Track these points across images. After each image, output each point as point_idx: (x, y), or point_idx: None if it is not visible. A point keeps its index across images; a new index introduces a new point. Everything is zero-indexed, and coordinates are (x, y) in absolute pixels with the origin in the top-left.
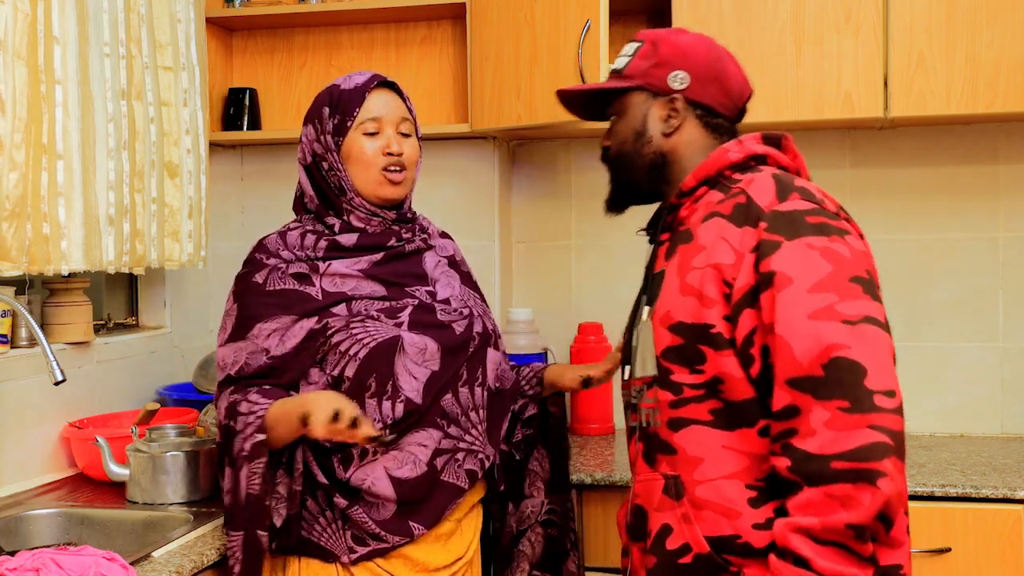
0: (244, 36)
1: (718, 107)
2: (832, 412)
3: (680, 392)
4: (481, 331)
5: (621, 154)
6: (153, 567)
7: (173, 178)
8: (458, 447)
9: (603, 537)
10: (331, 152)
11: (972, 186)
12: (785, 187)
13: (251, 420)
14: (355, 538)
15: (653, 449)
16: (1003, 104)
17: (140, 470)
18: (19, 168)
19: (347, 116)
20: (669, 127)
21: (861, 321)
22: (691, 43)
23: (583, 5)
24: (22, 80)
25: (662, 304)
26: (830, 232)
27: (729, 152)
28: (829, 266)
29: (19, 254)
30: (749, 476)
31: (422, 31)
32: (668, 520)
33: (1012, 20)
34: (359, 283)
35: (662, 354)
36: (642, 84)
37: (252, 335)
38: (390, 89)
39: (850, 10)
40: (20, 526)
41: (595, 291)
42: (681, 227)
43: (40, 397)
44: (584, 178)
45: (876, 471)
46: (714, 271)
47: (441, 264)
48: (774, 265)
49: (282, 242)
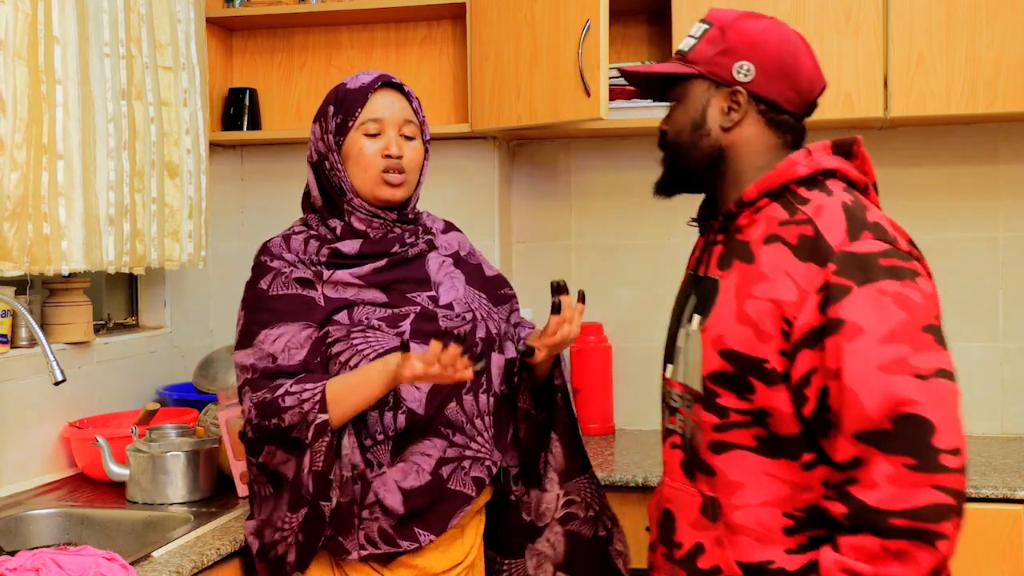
0: (244, 36)
1: (784, 103)
2: (896, 468)
3: (725, 416)
4: (485, 336)
5: (677, 143)
6: (153, 567)
7: (173, 178)
8: (464, 455)
9: None
10: (332, 152)
11: (972, 186)
12: (857, 223)
13: (308, 406)
14: (367, 538)
15: (694, 464)
16: (1003, 104)
17: (140, 470)
18: (20, 168)
19: (348, 116)
20: (729, 121)
21: (933, 375)
22: (762, 31)
23: (583, 5)
24: (22, 80)
25: (715, 324)
26: (903, 276)
27: (797, 166)
28: (902, 314)
29: (19, 254)
30: (788, 505)
31: (422, 31)
32: (702, 540)
33: (1012, 20)
34: (361, 291)
35: (709, 376)
36: (704, 72)
37: (258, 341)
38: (396, 90)
39: (850, 10)
40: (20, 526)
41: (595, 291)
42: (738, 235)
43: (40, 397)
44: (584, 178)
45: (937, 533)
46: (774, 306)
47: (445, 265)
48: (843, 313)
49: (285, 246)
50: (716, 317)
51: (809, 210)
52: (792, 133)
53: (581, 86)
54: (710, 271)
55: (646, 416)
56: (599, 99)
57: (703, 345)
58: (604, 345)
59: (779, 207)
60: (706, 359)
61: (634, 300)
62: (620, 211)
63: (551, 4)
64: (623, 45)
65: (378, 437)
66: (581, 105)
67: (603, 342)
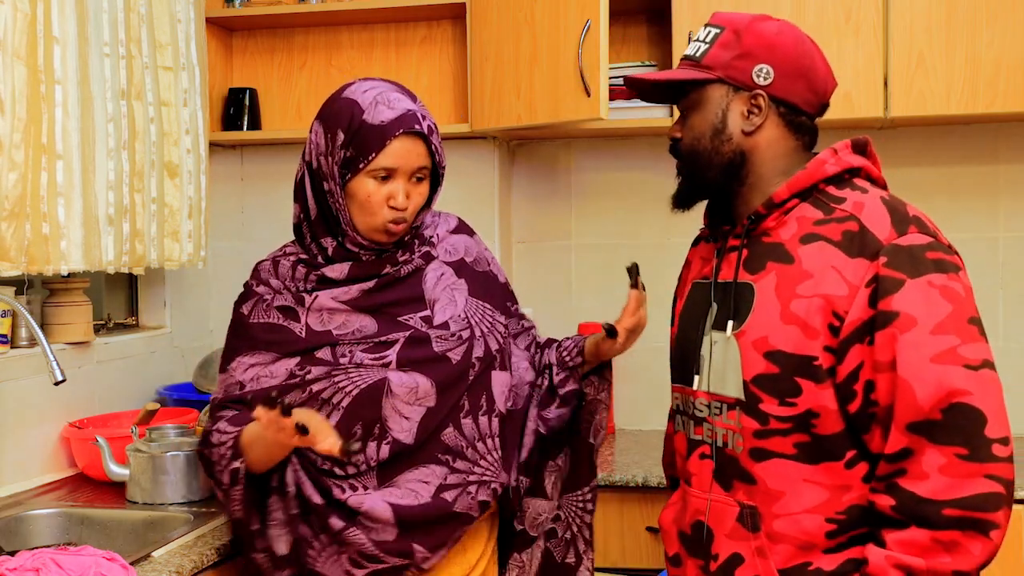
0: (244, 36)
1: (802, 104)
2: (948, 458)
3: (766, 423)
4: (482, 354)
5: (696, 150)
6: (153, 567)
7: (173, 178)
8: (468, 480)
9: (603, 537)
10: (334, 182)
11: (972, 186)
12: (901, 217)
13: (224, 450)
14: (352, 561)
15: (729, 473)
16: (1003, 104)
17: (140, 470)
18: (19, 168)
19: (360, 156)
20: (750, 125)
21: (982, 366)
22: (777, 33)
23: (583, 5)
24: (22, 80)
25: (755, 327)
26: (947, 269)
27: (826, 164)
28: (949, 306)
29: (19, 254)
30: (829, 509)
31: (422, 31)
32: (740, 550)
33: (1012, 20)
34: (347, 318)
35: (753, 380)
36: (723, 77)
37: (231, 368)
38: (417, 136)
39: (850, 10)
40: (20, 526)
41: (595, 291)
42: (766, 238)
43: (40, 397)
44: (584, 178)
45: (990, 522)
46: (824, 302)
47: (444, 277)
48: (896, 305)
49: (273, 271)
50: (756, 320)
51: (849, 207)
52: (809, 134)
53: (581, 86)
54: (739, 276)
55: (646, 416)
56: (599, 99)
57: (742, 350)
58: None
59: (810, 207)
60: (747, 363)
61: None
62: (620, 211)
63: (551, 4)
64: (623, 45)
65: (361, 467)
66: (581, 105)
67: None
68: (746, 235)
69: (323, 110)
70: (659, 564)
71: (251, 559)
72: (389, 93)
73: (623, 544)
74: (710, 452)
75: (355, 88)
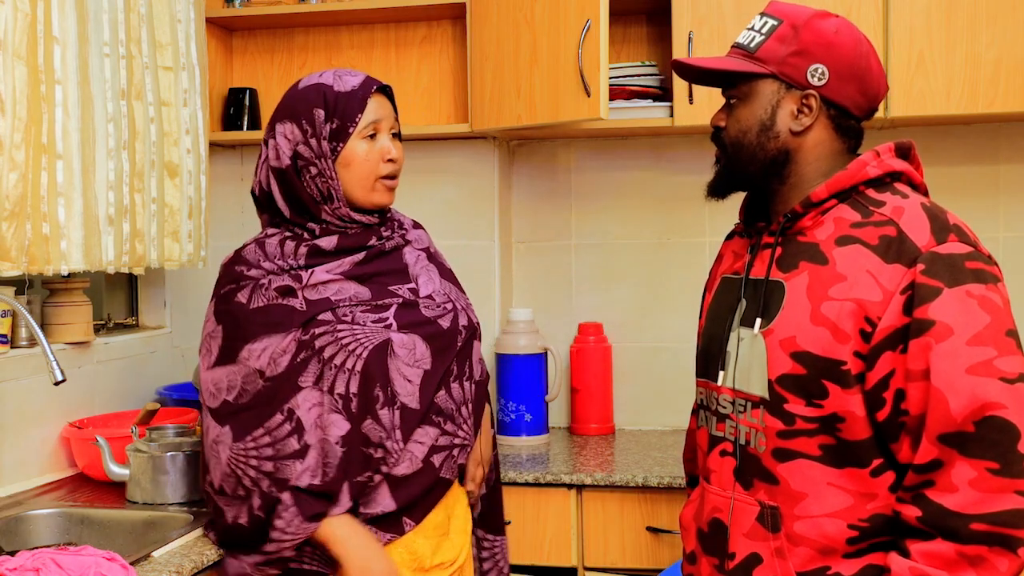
0: (244, 36)
1: (853, 108)
2: (979, 472)
3: (792, 423)
4: (467, 324)
5: (741, 144)
6: (153, 567)
7: (173, 178)
8: (453, 443)
9: (603, 537)
10: (324, 158)
11: (972, 186)
12: (941, 225)
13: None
14: None
15: (751, 472)
16: (1003, 104)
17: (140, 470)
18: (19, 168)
19: (348, 122)
20: (799, 125)
21: (1018, 380)
22: (836, 32)
23: (583, 5)
24: (22, 80)
25: (784, 325)
26: (986, 279)
27: (868, 167)
28: (987, 317)
29: (19, 254)
30: (852, 516)
31: (422, 31)
32: (759, 550)
33: (1012, 20)
34: (342, 286)
35: (778, 380)
36: (776, 73)
37: (243, 358)
38: (383, 92)
39: (850, 10)
40: (20, 526)
41: (595, 291)
42: (801, 237)
43: (40, 397)
44: (584, 178)
45: (1019, 539)
46: (856, 306)
47: (421, 258)
48: (932, 313)
49: (261, 252)
50: (785, 320)
51: (888, 211)
52: (855, 138)
53: (581, 86)
54: (771, 274)
55: (646, 416)
56: (599, 99)
57: (768, 348)
58: (604, 345)
59: (848, 208)
60: (773, 362)
61: (634, 300)
62: (620, 211)
63: (551, 4)
64: (623, 45)
65: (384, 438)
66: (581, 105)
67: (603, 342)
68: (781, 233)
69: (283, 109)
70: (659, 564)
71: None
72: (339, 70)
73: (623, 544)
74: (732, 449)
75: (307, 79)
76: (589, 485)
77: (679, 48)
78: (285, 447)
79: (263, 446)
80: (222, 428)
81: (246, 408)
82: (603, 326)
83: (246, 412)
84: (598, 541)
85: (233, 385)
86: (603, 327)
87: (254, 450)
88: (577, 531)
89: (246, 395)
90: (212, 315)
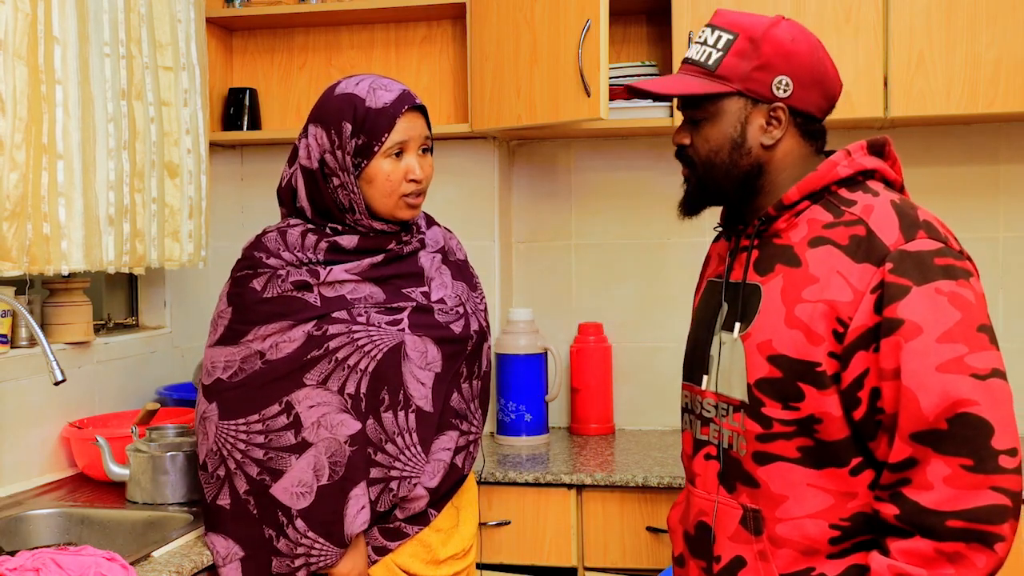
0: (244, 36)
1: (817, 112)
2: (953, 468)
3: (769, 426)
4: (477, 329)
5: (713, 163)
6: (153, 567)
7: (173, 178)
8: (470, 440)
9: (603, 537)
10: (347, 172)
11: (972, 186)
12: (910, 222)
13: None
14: (381, 531)
15: (733, 476)
16: (1003, 104)
17: (140, 470)
18: (19, 168)
19: (374, 140)
20: (771, 138)
21: (990, 375)
22: (792, 41)
23: (583, 5)
24: (22, 80)
25: (760, 329)
26: (957, 275)
27: (838, 167)
28: (958, 314)
29: (19, 254)
30: (834, 515)
31: (422, 31)
32: (742, 553)
33: (1012, 20)
34: (357, 286)
35: (756, 383)
36: (743, 89)
37: (246, 340)
38: (417, 111)
39: (850, 10)
40: (20, 526)
41: (595, 291)
42: (776, 239)
43: (40, 397)
44: (584, 178)
45: (995, 535)
46: (828, 307)
47: (435, 260)
48: (902, 312)
49: (282, 241)
50: (761, 323)
51: (858, 210)
52: (820, 140)
53: (581, 86)
54: (748, 278)
55: (646, 416)
56: (599, 99)
57: (747, 352)
58: (604, 345)
59: (821, 209)
60: (752, 366)
61: (634, 300)
62: (620, 211)
63: (551, 4)
64: (623, 45)
65: (398, 440)
66: (581, 105)
67: (603, 342)
68: (757, 236)
69: (317, 112)
70: (659, 564)
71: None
72: (379, 80)
73: (623, 544)
74: (715, 453)
75: (345, 84)
76: (589, 485)
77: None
78: (279, 439)
79: (254, 432)
80: (209, 404)
81: (238, 387)
82: (603, 326)
83: (237, 391)
84: (598, 541)
85: (230, 365)
86: (603, 327)
87: (244, 433)
88: (577, 531)
89: (241, 374)
90: (225, 295)
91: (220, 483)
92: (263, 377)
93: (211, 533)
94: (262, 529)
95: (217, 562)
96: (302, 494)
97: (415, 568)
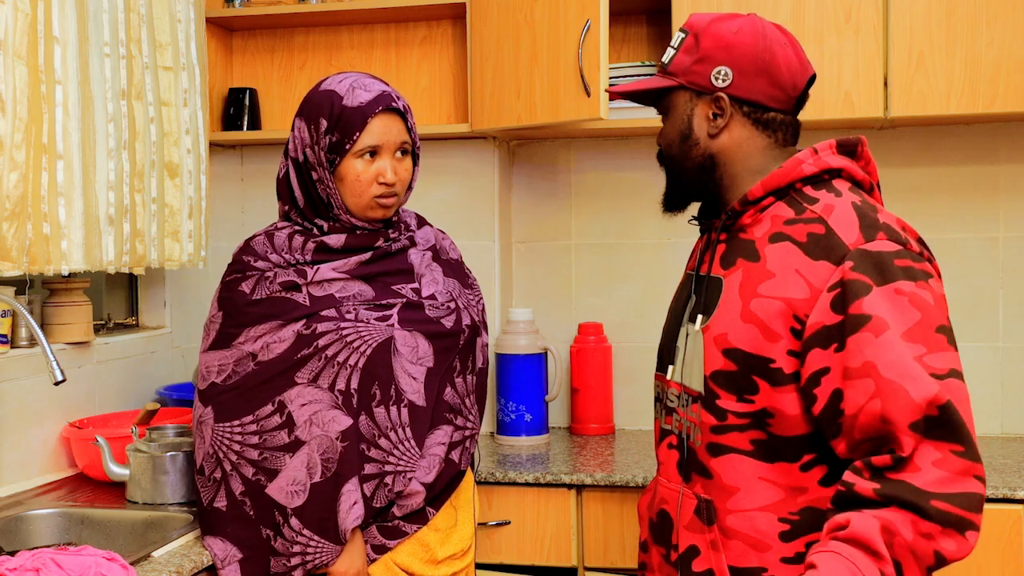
0: (244, 36)
1: (768, 101)
2: (944, 453)
3: (724, 418)
4: (469, 323)
5: (670, 156)
6: (153, 567)
7: (173, 178)
8: (465, 436)
9: (603, 537)
10: (323, 168)
11: (972, 186)
12: (870, 223)
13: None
14: (380, 530)
15: (689, 466)
16: (1003, 104)
17: (140, 470)
18: (19, 168)
19: (345, 139)
20: (715, 128)
21: (948, 375)
22: (735, 32)
23: (583, 5)
24: (22, 80)
25: (718, 323)
26: (916, 277)
27: (803, 164)
28: (917, 314)
29: (19, 254)
30: (783, 509)
31: (422, 31)
32: (696, 542)
33: (1012, 20)
34: (346, 284)
35: (711, 376)
36: (684, 83)
37: (237, 343)
38: (395, 113)
39: (850, 10)
40: (20, 526)
41: (595, 291)
42: (742, 234)
43: (40, 397)
44: (584, 178)
45: (970, 522)
46: (784, 305)
47: (426, 258)
48: (867, 308)
49: (269, 244)
50: (720, 316)
51: (819, 208)
52: (783, 130)
53: (581, 86)
54: (713, 270)
55: (646, 416)
56: (599, 99)
57: (705, 344)
58: (604, 345)
59: (784, 205)
60: (709, 359)
61: (634, 300)
62: (620, 211)
63: (551, 4)
64: (623, 45)
65: (392, 435)
66: (581, 105)
67: (603, 342)
68: (724, 229)
69: (303, 106)
70: None
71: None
72: (363, 79)
73: (623, 544)
74: (676, 442)
75: (331, 80)
76: (589, 485)
77: None
78: (273, 439)
79: (249, 433)
80: (205, 408)
81: (232, 389)
82: (603, 326)
83: (232, 393)
84: (598, 541)
85: (224, 368)
86: (603, 327)
87: (239, 435)
88: (577, 531)
89: (235, 377)
90: (215, 301)
91: (216, 486)
92: (256, 378)
93: (208, 536)
94: (259, 530)
95: (216, 565)
96: (296, 492)
97: (414, 567)
